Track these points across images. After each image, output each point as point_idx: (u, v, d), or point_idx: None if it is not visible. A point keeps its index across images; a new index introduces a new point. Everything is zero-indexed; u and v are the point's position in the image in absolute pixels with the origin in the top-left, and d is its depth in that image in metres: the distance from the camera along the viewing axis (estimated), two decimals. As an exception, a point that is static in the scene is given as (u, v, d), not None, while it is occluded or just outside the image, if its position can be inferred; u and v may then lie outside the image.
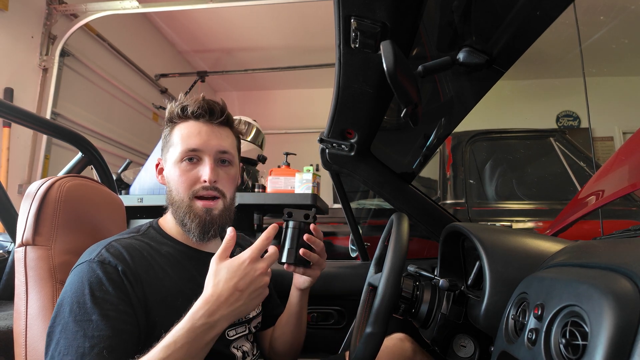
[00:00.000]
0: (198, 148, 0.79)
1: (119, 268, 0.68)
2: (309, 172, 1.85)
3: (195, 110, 0.80)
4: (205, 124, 0.81)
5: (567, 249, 0.67)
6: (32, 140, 2.80)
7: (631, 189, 0.92)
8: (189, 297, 0.74)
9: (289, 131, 5.32)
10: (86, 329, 0.62)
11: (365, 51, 0.69)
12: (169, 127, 0.83)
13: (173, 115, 0.82)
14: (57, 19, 2.98)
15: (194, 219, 0.78)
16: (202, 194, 0.79)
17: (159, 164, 0.87)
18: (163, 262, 0.76)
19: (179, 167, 0.79)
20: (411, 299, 0.85)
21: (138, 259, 0.72)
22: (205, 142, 0.79)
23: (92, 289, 0.65)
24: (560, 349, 0.43)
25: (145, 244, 0.77)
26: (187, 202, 0.79)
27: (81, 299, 0.64)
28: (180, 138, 0.80)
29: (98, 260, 0.68)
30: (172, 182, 0.80)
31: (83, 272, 0.67)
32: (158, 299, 0.71)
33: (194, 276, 0.78)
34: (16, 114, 1.05)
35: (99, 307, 0.64)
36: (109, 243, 0.73)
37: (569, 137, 2.39)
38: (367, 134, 1.06)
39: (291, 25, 4.15)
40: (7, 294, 1.16)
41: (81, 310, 0.63)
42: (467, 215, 2.22)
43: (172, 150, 0.81)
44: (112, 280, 0.67)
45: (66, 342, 0.62)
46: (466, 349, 0.81)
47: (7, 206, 1.15)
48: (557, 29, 0.75)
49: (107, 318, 0.64)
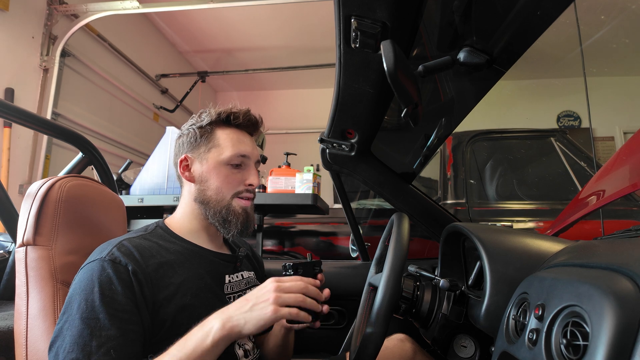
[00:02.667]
0: (248, 155, 0.86)
1: (130, 268, 0.69)
2: (310, 172, 1.85)
3: (244, 121, 0.88)
4: (246, 134, 0.90)
5: (567, 249, 0.67)
6: (33, 140, 2.80)
7: (632, 188, 0.91)
8: (196, 293, 0.75)
9: (289, 131, 5.32)
10: (93, 328, 0.63)
11: (366, 51, 0.69)
12: (209, 128, 0.86)
13: (218, 119, 0.87)
14: (57, 19, 2.99)
15: (238, 217, 0.85)
16: (245, 195, 0.86)
17: (184, 159, 0.87)
18: (172, 260, 0.77)
19: (226, 168, 0.85)
20: (412, 299, 0.85)
21: (148, 259, 0.73)
22: (252, 150, 0.88)
23: (101, 287, 0.66)
24: (561, 349, 0.43)
25: (154, 243, 0.79)
26: (227, 200, 0.84)
27: (90, 297, 0.65)
28: (230, 142, 0.85)
29: (109, 259, 0.69)
30: (214, 181, 0.84)
31: (94, 270, 0.68)
32: (168, 297, 0.72)
33: (201, 274, 0.79)
34: (17, 114, 1.06)
35: (107, 306, 0.65)
36: (120, 242, 0.74)
37: (570, 137, 2.38)
38: (368, 134, 1.06)
39: (291, 25, 4.15)
40: (8, 294, 1.16)
41: (89, 309, 0.64)
42: (467, 216, 2.22)
43: (216, 151, 0.85)
44: (122, 279, 0.68)
45: (72, 339, 0.62)
46: (467, 349, 0.81)
47: (8, 206, 1.15)
48: (558, 28, 0.75)
49: (115, 318, 0.64)
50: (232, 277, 0.87)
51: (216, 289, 0.81)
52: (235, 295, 0.85)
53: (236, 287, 0.87)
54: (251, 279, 0.95)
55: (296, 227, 2.62)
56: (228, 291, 0.84)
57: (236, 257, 0.91)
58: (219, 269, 0.85)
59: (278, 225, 2.64)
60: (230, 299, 0.83)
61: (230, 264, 0.89)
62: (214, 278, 0.82)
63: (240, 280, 0.89)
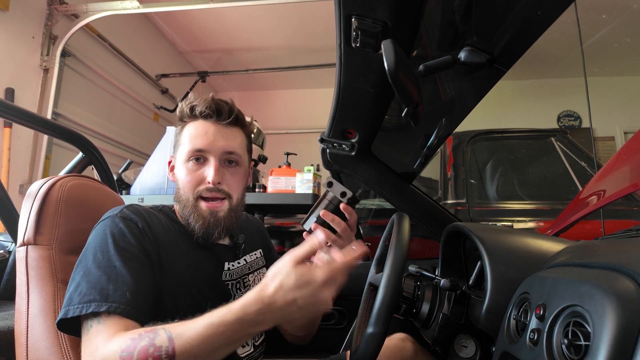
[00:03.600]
0: (203, 148, 0.79)
1: (139, 224, 0.72)
2: (310, 172, 1.85)
3: (203, 110, 0.81)
4: (213, 124, 0.81)
5: (568, 249, 0.67)
6: (33, 140, 2.80)
7: (632, 188, 0.91)
8: (194, 273, 0.77)
9: (289, 131, 5.32)
10: (110, 274, 0.64)
11: (366, 50, 0.69)
12: (180, 126, 0.85)
13: (183, 114, 0.84)
14: (57, 19, 2.99)
15: (198, 220, 0.79)
16: (206, 195, 0.80)
17: (171, 161, 0.88)
18: (175, 234, 0.79)
19: (186, 166, 0.81)
20: (412, 299, 0.85)
21: (156, 223, 0.76)
22: (211, 143, 0.80)
23: (115, 239, 0.68)
24: (563, 349, 0.43)
25: (163, 216, 0.81)
26: (192, 202, 0.80)
27: (104, 247, 0.67)
28: (189, 138, 0.81)
29: (120, 216, 0.72)
30: (180, 181, 0.83)
31: (107, 225, 0.70)
32: (170, 262, 0.74)
33: (200, 258, 0.81)
34: (17, 114, 1.06)
35: (122, 255, 0.67)
36: (130, 204, 0.77)
37: (570, 137, 2.38)
38: (368, 134, 1.06)
39: (292, 25, 4.15)
40: (8, 294, 1.16)
41: (104, 257, 0.66)
42: (468, 215, 2.22)
43: (180, 150, 0.83)
44: (134, 233, 0.70)
45: (88, 284, 0.63)
46: (467, 349, 0.81)
47: (8, 206, 1.15)
48: (559, 28, 0.74)
49: (130, 266, 0.66)
50: (232, 264, 0.87)
51: (216, 274, 0.83)
52: (234, 282, 0.85)
53: (235, 274, 0.87)
54: (254, 260, 0.94)
55: (296, 227, 2.62)
56: (226, 278, 0.84)
57: (235, 246, 0.91)
58: (219, 256, 0.85)
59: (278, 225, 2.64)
60: (228, 285, 0.84)
61: (230, 252, 0.89)
62: (213, 264, 0.83)
63: (241, 266, 0.89)
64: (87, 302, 0.61)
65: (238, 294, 0.84)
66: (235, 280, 0.86)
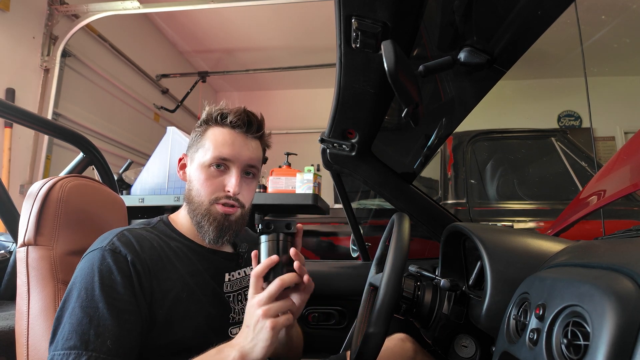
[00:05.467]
0: (228, 157, 0.80)
1: (129, 258, 0.70)
2: (310, 172, 1.85)
3: (234, 120, 0.81)
4: (240, 135, 0.82)
5: (568, 249, 0.67)
6: (34, 140, 2.80)
7: (633, 188, 0.91)
8: (193, 290, 0.76)
9: (290, 131, 5.32)
10: (92, 317, 0.64)
11: (366, 51, 0.69)
12: (203, 128, 0.84)
13: (210, 118, 0.83)
14: (58, 20, 2.99)
15: (212, 222, 0.80)
16: (224, 202, 0.80)
17: (182, 158, 0.88)
18: (171, 254, 0.78)
19: (206, 171, 0.80)
20: (412, 299, 0.85)
21: (148, 250, 0.74)
22: (237, 153, 0.81)
23: (101, 276, 0.67)
24: (562, 349, 0.43)
25: (156, 235, 0.79)
26: (206, 205, 0.80)
27: (90, 285, 0.66)
28: (214, 143, 0.80)
29: (109, 248, 0.70)
30: (195, 183, 0.81)
31: (94, 259, 0.69)
32: (164, 290, 0.72)
33: (199, 270, 0.80)
34: (18, 114, 1.06)
35: (107, 295, 0.65)
36: (121, 232, 0.74)
37: (571, 137, 2.38)
38: (368, 134, 1.06)
39: (292, 25, 4.15)
40: (9, 294, 1.16)
41: (88, 297, 0.65)
42: (468, 216, 2.22)
43: (201, 152, 0.82)
44: (121, 269, 0.68)
45: (71, 327, 0.63)
46: (467, 349, 0.81)
47: (9, 206, 1.15)
48: (559, 28, 0.75)
49: (113, 308, 0.65)
50: (232, 274, 0.87)
51: (216, 287, 0.81)
52: (235, 294, 0.85)
53: (236, 286, 0.87)
54: None
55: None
56: (227, 290, 0.84)
57: (237, 254, 0.90)
58: (219, 267, 0.85)
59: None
60: (229, 297, 0.83)
61: (232, 261, 0.89)
62: (214, 276, 0.82)
63: (242, 277, 0.89)
64: (69, 348, 0.61)
65: (238, 307, 0.84)
66: (236, 292, 0.86)
